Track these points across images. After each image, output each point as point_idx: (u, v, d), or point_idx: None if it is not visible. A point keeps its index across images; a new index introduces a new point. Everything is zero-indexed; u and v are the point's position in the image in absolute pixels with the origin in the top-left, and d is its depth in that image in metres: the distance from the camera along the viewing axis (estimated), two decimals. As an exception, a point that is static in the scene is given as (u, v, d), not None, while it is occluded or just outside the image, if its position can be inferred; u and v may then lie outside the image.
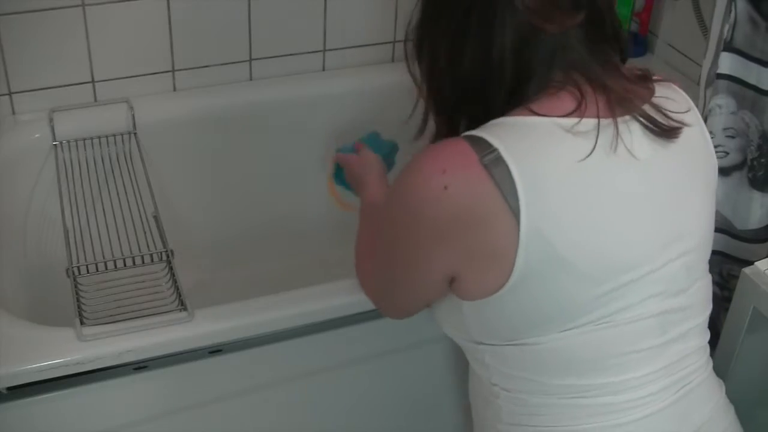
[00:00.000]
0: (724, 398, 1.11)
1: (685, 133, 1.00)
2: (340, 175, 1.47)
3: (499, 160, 0.90)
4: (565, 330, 0.96)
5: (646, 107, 0.98)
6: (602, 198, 0.94)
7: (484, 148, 0.91)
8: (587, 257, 0.93)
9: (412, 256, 0.99)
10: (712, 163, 1.08)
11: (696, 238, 1.03)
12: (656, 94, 1.02)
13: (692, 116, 1.04)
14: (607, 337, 0.98)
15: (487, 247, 0.92)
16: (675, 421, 1.03)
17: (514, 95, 0.95)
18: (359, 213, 1.32)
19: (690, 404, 1.05)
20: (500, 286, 0.93)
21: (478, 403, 1.12)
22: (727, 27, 1.30)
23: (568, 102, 0.95)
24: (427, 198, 0.93)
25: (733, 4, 1.29)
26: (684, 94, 1.07)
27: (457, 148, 0.93)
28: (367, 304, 1.28)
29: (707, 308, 1.08)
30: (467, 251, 0.94)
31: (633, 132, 0.97)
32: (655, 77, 1.05)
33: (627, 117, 0.97)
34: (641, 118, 0.97)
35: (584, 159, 0.93)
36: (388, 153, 1.48)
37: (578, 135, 0.93)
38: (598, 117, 0.94)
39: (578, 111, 0.94)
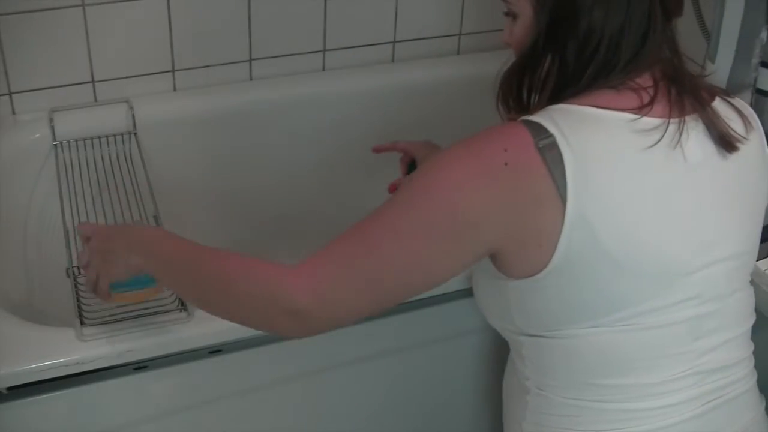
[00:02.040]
0: (761, 415, 1.10)
1: (744, 145, 1.02)
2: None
3: (553, 146, 0.93)
4: (601, 324, 0.98)
5: (711, 111, 1.00)
6: (647, 194, 0.96)
7: (540, 133, 0.94)
8: (626, 249, 0.95)
9: (453, 227, 0.93)
10: (766, 178, 1.08)
11: (737, 246, 1.03)
12: (719, 102, 1.03)
13: (754, 132, 1.05)
14: (638, 338, 0.99)
15: (534, 227, 0.94)
16: None
17: (594, 82, 0.98)
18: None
19: (721, 418, 1.04)
20: (541, 268, 0.96)
21: (508, 398, 1.15)
22: (765, 33, 1.29)
23: (632, 98, 0.97)
24: (486, 172, 0.93)
25: None
26: (748, 107, 1.08)
27: (515, 131, 0.95)
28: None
29: (748, 320, 1.09)
30: (514, 228, 0.95)
31: (692, 133, 0.98)
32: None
33: (698, 116, 0.99)
34: (704, 122, 0.99)
35: (640, 155, 0.95)
36: None
37: (637, 131, 0.95)
38: (668, 117, 0.97)
39: (643, 109, 0.96)
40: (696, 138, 0.99)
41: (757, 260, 1.23)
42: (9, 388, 1.22)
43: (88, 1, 1.63)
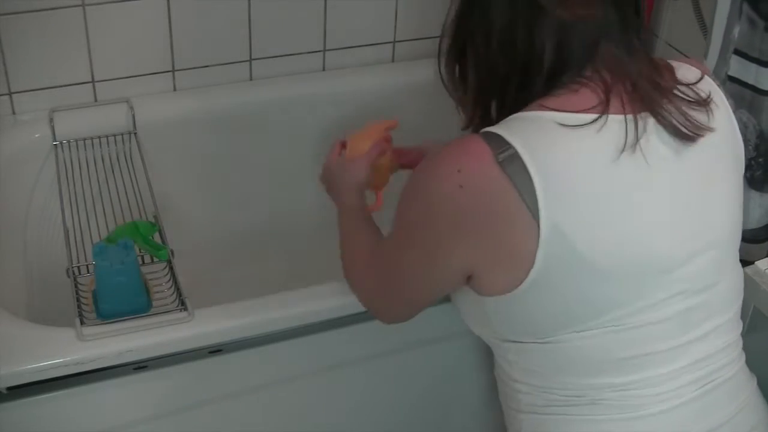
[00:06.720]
0: (754, 394, 1.10)
1: (708, 132, 1.00)
2: None
3: (515, 158, 0.91)
4: (588, 328, 0.97)
5: (669, 105, 0.98)
6: (621, 195, 0.94)
7: (500, 145, 0.92)
8: (606, 255, 0.93)
9: (428, 255, 1.00)
10: (739, 155, 1.06)
11: (721, 231, 1.02)
12: (681, 90, 1.01)
13: (721, 111, 1.03)
14: (628, 337, 0.98)
15: (505, 245, 0.93)
16: (695, 418, 1.03)
17: (545, 86, 0.96)
18: (339, 216, 1.29)
19: (713, 402, 1.04)
20: (518, 284, 0.94)
21: (502, 395, 1.14)
22: (737, 29, 1.30)
23: (590, 98, 0.95)
24: (443, 197, 0.94)
25: (742, 5, 1.28)
26: (717, 88, 1.06)
27: (472, 147, 0.93)
28: (367, 304, 1.28)
29: (736, 301, 1.08)
30: (485, 249, 0.94)
31: (655, 129, 0.96)
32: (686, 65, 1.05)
33: (649, 113, 0.96)
34: (663, 118, 0.96)
35: (605, 156, 0.93)
36: None
37: (598, 132, 0.93)
38: (624, 113, 0.94)
39: (600, 108, 0.94)
40: (657, 132, 0.96)
41: (757, 260, 1.24)
42: (9, 388, 1.22)
43: (88, 1, 1.64)
